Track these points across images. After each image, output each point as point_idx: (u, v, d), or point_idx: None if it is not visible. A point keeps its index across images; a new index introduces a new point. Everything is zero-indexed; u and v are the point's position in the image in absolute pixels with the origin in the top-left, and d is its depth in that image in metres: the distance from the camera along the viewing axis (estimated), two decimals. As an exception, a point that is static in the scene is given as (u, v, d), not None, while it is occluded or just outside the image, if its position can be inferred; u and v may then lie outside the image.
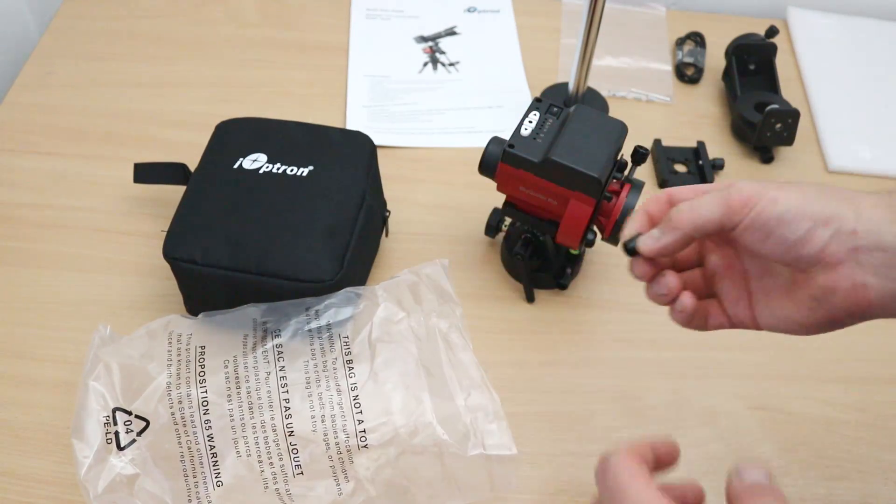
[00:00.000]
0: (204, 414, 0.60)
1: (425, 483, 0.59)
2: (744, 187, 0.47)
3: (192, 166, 0.77)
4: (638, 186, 0.66)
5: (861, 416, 0.70)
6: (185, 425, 0.60)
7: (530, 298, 0.76)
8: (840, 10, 1.10)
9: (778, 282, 0.50)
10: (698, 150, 0.89)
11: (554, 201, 0.66)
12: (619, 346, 0.74)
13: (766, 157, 0.90)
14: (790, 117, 0.87)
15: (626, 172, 0.68)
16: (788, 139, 0.89)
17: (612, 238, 0.67)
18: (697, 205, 0.48)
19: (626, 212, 0.64)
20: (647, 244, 0.50)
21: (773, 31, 0.98)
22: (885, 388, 0.72)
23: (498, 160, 0.67)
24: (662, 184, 0.87)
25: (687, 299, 0.52)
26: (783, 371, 0.73)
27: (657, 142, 0.90)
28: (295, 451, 0.59)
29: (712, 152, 0.90)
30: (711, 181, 0.87)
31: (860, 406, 0.71)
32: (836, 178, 0.89)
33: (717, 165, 0.88)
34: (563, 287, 0.76)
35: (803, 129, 0.92)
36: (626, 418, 0.70)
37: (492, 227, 0.78)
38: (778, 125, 0.87)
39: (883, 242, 0.44)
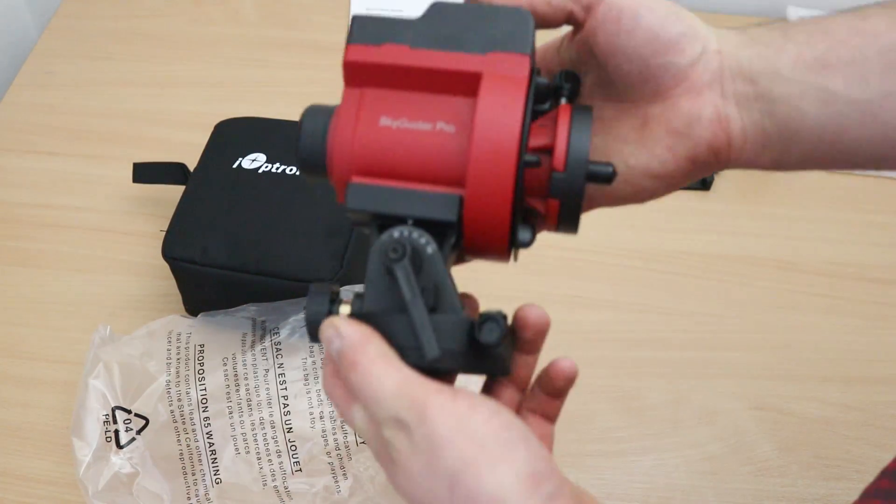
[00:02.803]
0: (203, 412, 0.60)
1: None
2: None
3: (192, 166, 0.77)
4: (584, 111, 0.37)
5: (861, 416, 0.70)
6: (184, 424, 0.60)
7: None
8: (838, 8, 1.10)
9: (620, 130, 0.41)
10: (697, 151, 0.89)
11: (448, 125, 0.36)
12: (619, 346, 0.74)
13: (766, 157, 0.90)
14: (789, 117, 0.87)
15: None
16: (787, 139, 0.89)
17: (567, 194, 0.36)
18: None
19: (579, 141, 0.36)
20: None
21: (772, 32, 0.98)
22: (885, 388, 0.72)
23: (324, 125, 0.38)
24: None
25: None
26: (783, 371, 0.73)
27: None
28: (293, 449, 0.59)
29: (711, 152, 0.90)
30: (711, 181, 0.87)
31: (860, 406, 0.71)
32: (835, 178, 0.89)
33: (717, 165, 0.88)
34: (504, 372, 0.39)
35: (802, 129, 0.93)
36: (626, 418, 0.70)
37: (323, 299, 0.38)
38: (777, 125, 0.87)
39: (743, 67, 0.39)
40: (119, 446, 0.58)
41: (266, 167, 0.72)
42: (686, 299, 0.78)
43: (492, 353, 0.36)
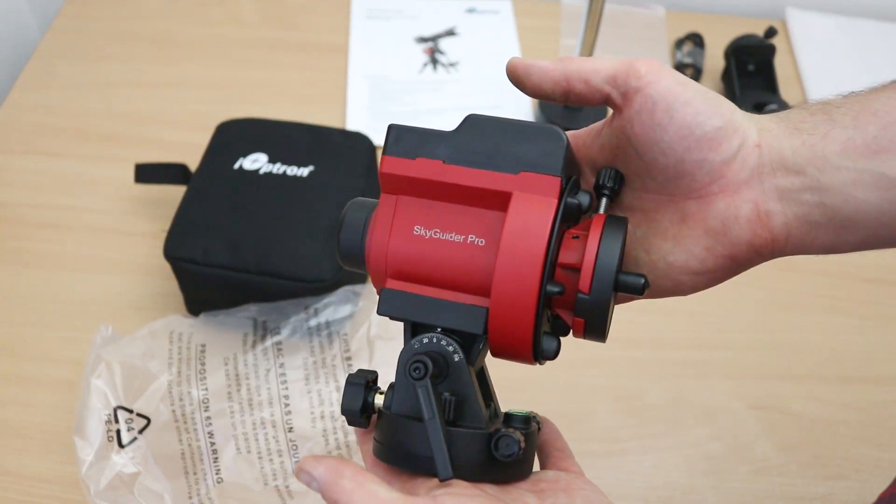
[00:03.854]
0: (204, 412, 0.60)
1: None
2: (650, 59, 0.38)
3: (193, 166, 0.77)
4: (615, 228, 0.37)
5: (860, 416, 0.70)
6: (185, 423, 0.60)
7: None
8: (839, 11, 1.10)
9: (659, 222, 0.40)
10: (697, 151, 0.89)
11: (478, 238, 0.37)
12: (619, 346, 0.74)
13: (766, 157, 0.90)
14: (789, 118, 0.87)
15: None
16: (787, 140, 0.89)
17: (591, 321, 0.37)
18: (593, 58, 0.39)
19: (606, 263, 0.36)
20: (518, 63, 0.39)
21: (771, 32, 0.98)
22: (884, 388, 0.73)
23: (364, 225, 0.40)
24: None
25: None
26: (783, 371, 0.73)
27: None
28: (294, 448, 0.59)
29: (711, 153, 0.90)
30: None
31: (859, 406, 0.71)
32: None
33: (717, 166, 0.88)
34: (524, 476, 0.40)
35: (802, 129, 0.93)
36: (626, 418, 0.70)
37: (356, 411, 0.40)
38: (777, 126, 0.88)
39: (786, 160, 0.37)
40: (121, 446, 0.59)
41: (267, 168, 0.72)
42: (686, 299, 0.77)
43: (509, 465, 0.37)
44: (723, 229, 0.39)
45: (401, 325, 0.39)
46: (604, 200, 0.39)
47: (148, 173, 0.80)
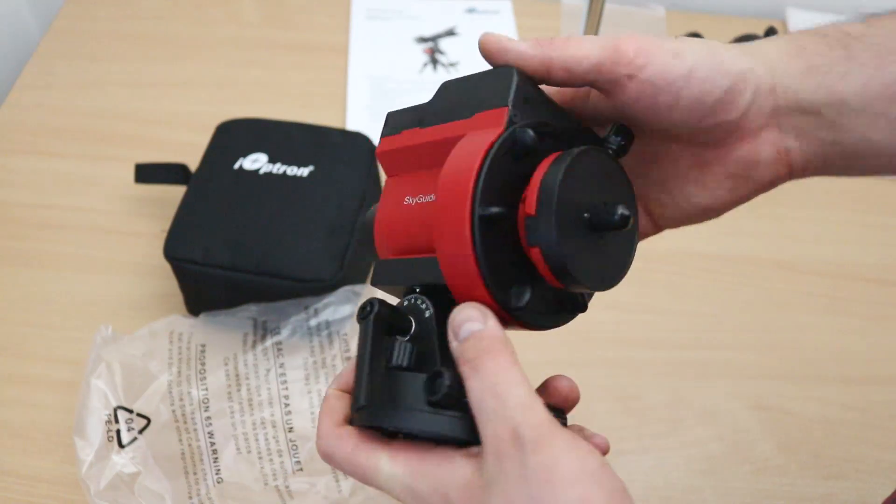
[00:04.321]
0: (204, 412, 0.60)
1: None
2: (634, 35, 0.36)
3: (193, 167, 0.77)
4: (572, 153, 0.34)
5: (860, 416, 0.70)
6: (185, 423, 0.60)
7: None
8: (838, 11, 1.10)
9: (678, 167, 0.40)
10: (698, 151, 0.89)
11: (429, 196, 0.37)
12: (619, 346, 0.74)
13: (766, 157, 0.90)
14: (789, 118, 0.87)
15: None
16: (787, 140, 0.89)
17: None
18: (575, 39, 0.36)
19: (550, 181, 0.33)
20: (492, 39, 0.36)
21: (771, 32, 0.98)
22: (884, 388, 0.73)
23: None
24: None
25: None
26: (783, 371, 0.73)
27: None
28: (294, 448, 0.59)
29: (712, 153, 0.90)
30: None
31: (859, 406, 0.71)
32: (835, 178, 0.89)
33: (717, 166, 0.88)
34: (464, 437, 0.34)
35: (802, 129, 0.93)
36: (626, 418, 0.70)
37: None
38: (777, 126, 0.88)
39: (802, 102, 0.36)
40: (121, 446, 0.58)
41: (267, 168, 0.72)
42: (686, 299, 0.78)
43: (446, 411, 0.33)
44: (744, 172, 0.38)
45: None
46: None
47: (148, 173, 0.80)
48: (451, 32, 1.06)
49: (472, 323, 0.33)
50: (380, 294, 0.41)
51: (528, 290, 0.34)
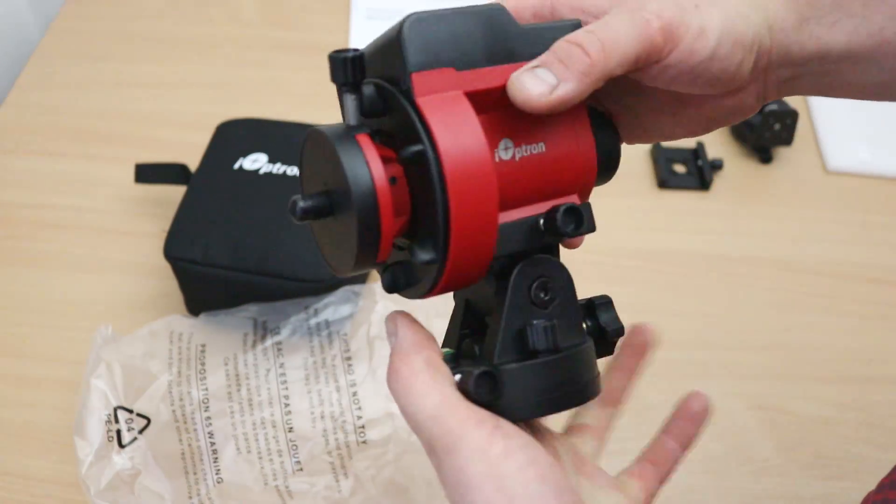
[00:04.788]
0: (204, 412, 0.60)
1: (425, 483, 0.60)
2: (662, 12, 0.34)
3: (193, 167, 0.77)
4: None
5: (860, 416, 0.70)
6: (185, 423, 0.60)
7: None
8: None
9: (657, 105, 0.39)
10: (697, 151, 0.89)
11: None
12: (619, 346, 0.74)
13: (765, 157, 0.90)
14: (789, 117, 0.87)
15: None
16: (787, 139, 0.89)
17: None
18: (609, 35, 0.33)
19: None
20: (534, 91, 0.32)
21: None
22: (884, 388, 0.73)
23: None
24: (661, 184, 0.87)
25: None
26: (783, 371, 0.73)
27: (656, 143, 0.90)
28: (294, 448, 0.59)
29: (711, 153, 0.90)
30: (710, 181, 0.87)
31: (859, 406, 0.71)
32: (834, 178, 0.90)
33: (716, 166, 0.88)
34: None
35: (802, 129, 0.93)
36: (626, 418, 0.70)
37: None
38: (776, 125, 0.88)
39: (791, 55, 0.37)
40: (121, 446, 0.59)
41: (267, 168, 0.72)
42: (686, 299, 0.78)
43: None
44: (724, 117, 0.39)
45: None
46: (350, 101, 0.34)
47: (148, 173, 0.80)
48: (451, 32, 1.06)
49: (389, 339, 0.35)
50: (379, 293, 0.41)
51: (389, 277, 0.35)
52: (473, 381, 0.33)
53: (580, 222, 0.34)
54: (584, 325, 0.38)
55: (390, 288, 0.35)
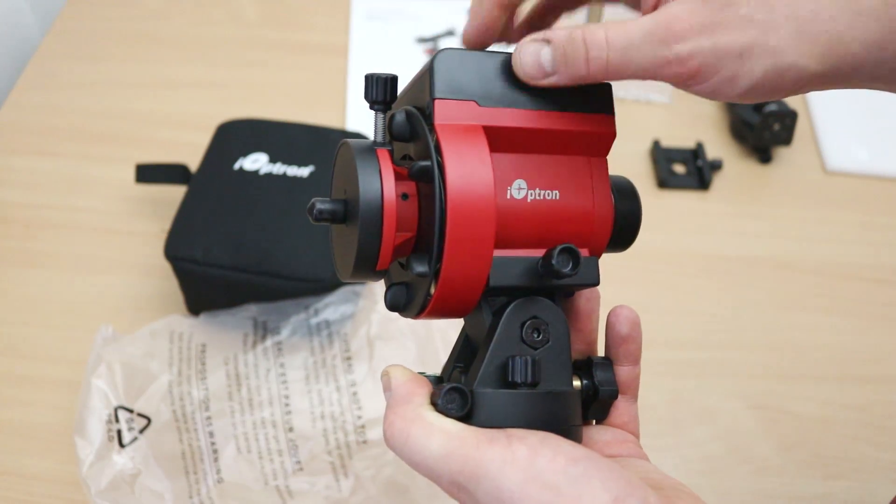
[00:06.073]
0: (205, 411, 0.60)
1: (425, 483, 0.60)
2: (692, 58, 0.32)
3: (193, 167, 0.77)
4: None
5: (860, 416, 0.70)
6: (186, 423, 0.60)
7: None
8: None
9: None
10: (697, 151, 0.89)
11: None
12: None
13: (765, 157, 0.90)
14: (788, 118, 0.87)
15: None
16: (786, 139, 0.89)
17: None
18: (619, 56, 0.33)
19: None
20: (528, 69, 0.34)
21: None
22: (884, 388, 0.73)
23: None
24: (661, 184, 0.87)
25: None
26: (782, 370, 0.73)
27: (656, 143, 0.90)
28: (294, 448, 0.59)
29: (711, 153, 0.90)
30: (709, 181, 0.87)
31: (858, 405, 0.71)
32: (834, 178, 0.90)
33: (716, 166, 0.88)
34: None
35: (801, 129, 0.93)
36: (626, 417, 0.70)
37: None
38: (776, 126, 0.88)
39: (812, 77, 0.34)
40: (121, 445, 0.59)
41: (268, 168, 0.72)
42: (686, 299, 0.78)
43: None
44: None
45: (401, 325, 0.40)
46: (379, 120, 0.36)
47: (148, 173, 0.80)
48: (450, 33, 1.06)
49: (385, 394, 0.34)
50: (379, 293, 0.41)
51: (388, 291, 0.37)
52: (442, 395, 0.33)
53: (576, 263, 0.34)
54: (580, 382, 0.38)
55: (391, 306, 0.36)
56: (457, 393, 0.33)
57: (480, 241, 0.33)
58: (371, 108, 0.36)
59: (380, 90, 0.35)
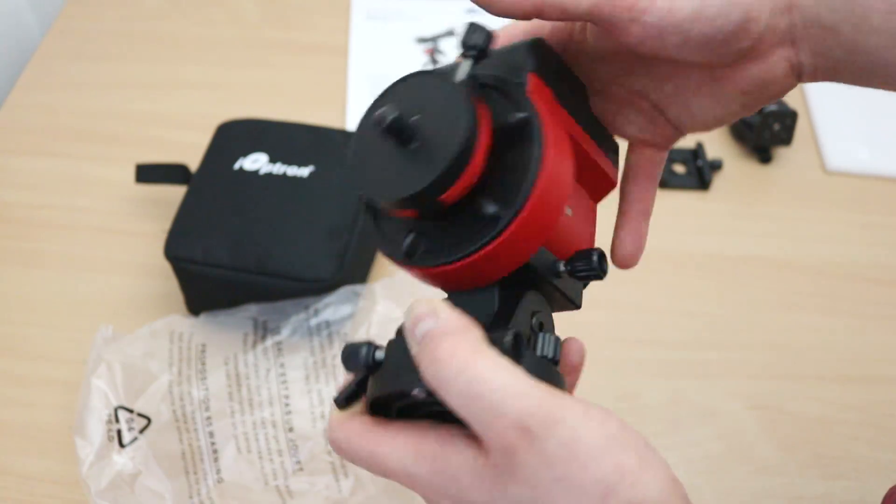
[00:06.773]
0: (205, 411, 0.60)
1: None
2: None
3: (193, 167, 0.77)
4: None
5: (859, 416, 0.70)
6: (186, 423, 0.60)
7: None
8: None
9: (688, 82, 0.39)
10: (697, 151, 0.89)
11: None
12: (619, 346, 0.74)
13: (765, 157, 0.90)
14: (788, 118, 0.87)
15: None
16: (786, 139, 0.89)
17: None
18: None
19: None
20: None
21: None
22: (884, 388, 0.73)
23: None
24: (661, 184, 0.87)
25: None
26: (782, 370, 0.73)
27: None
28: (294, 448, 0.59)
29: (711, 153, 0.90)
30: (710, 181, 0.87)
31: (859, 405, 0.71)
32: (834, 178, 0.90)
33: (716, 166, 0.88)
34: None
35: (801, 129, 0.93)
36: (626, 418, 0.70)
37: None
38: (776, 126, 0.88)
39: (822, 18, 0.35)
40: (121, 445, 0.59)
41: (268, 168, 0.72)
42: (686, 299, 0.78)
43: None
44: (758, 90, 0.38)
45: (400, 325, 0.39)
46: (467, 63, 0.35)
47: (148, 173, 0.80)
48: (451, 33, 1.06)
49: (423, 322, 0.31)
50: (379, 293, 0.41)
51: (409, 236, 0.35)
52: (511, 337, 0.31)
53: (606, 269, 0.37)
54: None
55: (409, 251, 0.35)
56: (520, 339, 0.32)
57: (554, 209, 0.34)
58: (464, 53, 0.35)
59: (481, 37, 0.35)
